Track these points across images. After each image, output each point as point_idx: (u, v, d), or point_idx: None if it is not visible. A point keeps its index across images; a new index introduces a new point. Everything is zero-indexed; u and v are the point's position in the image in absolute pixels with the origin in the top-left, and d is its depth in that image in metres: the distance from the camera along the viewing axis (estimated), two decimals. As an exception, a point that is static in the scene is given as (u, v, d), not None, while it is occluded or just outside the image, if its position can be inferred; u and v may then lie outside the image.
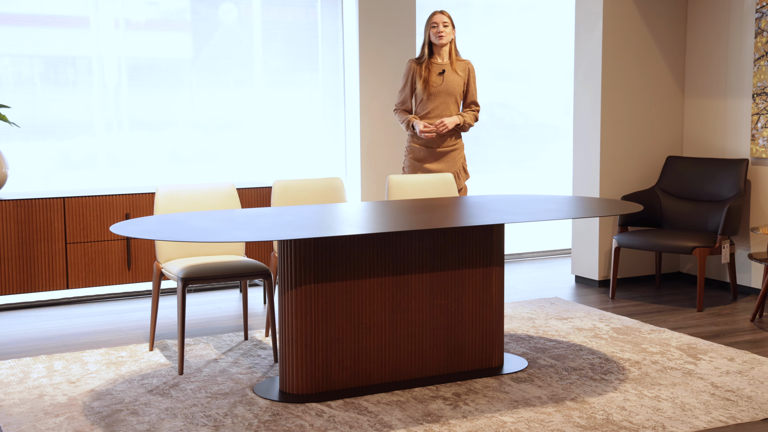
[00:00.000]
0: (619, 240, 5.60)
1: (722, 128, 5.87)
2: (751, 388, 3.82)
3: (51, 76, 5.56)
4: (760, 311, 5.04)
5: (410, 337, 3.91)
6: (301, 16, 6.18)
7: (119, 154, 5.77)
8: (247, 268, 4.17)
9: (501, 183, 7.02)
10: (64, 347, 4.56)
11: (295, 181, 4.70)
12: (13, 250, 4.91)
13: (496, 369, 4.08)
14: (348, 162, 6.24)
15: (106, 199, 5.10)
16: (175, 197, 4.38)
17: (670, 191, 5.87)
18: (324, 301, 3.72)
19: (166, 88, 5.83)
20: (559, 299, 5.55)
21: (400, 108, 5.35)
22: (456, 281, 3.98)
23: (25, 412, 3.58)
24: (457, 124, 5.25)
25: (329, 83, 6.25)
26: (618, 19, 5.85)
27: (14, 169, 5.43)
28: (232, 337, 4.67)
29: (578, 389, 3.81)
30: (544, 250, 7.22)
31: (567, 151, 7.11)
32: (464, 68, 5.30)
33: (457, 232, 3.95)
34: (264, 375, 4.03)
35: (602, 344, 4.51)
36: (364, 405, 3.63)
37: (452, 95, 5.25)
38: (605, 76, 5.85)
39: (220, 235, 3.41)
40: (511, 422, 3.43)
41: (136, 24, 5.73)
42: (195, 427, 3.40)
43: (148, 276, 5.22)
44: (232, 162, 6.06)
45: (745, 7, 5.66)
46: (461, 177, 5.35)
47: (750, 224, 5.67)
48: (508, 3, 6.94)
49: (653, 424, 3.41)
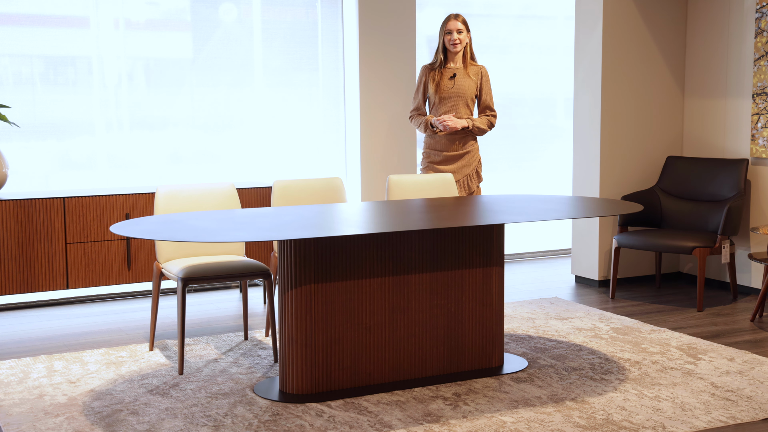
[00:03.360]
0: (619, 240, 5.60)
1: (722, 128, 5.87)
2: (751, 388, 3.82)
3: (51, 76, 5.56)
4: (760, 311, 5.04)
5: (410, 337, 3.91)
6: (301, 16, 6.18)
7: (119, 154, 5.77)
8: (247, 268, 4.17)
9: (501, 183, 7.02)
10: (64, 347, 4.56)
11: (295, 181, 4.70)
12: (13, 250, 4.91)
13: (496, 369, 4.08)
14: (348, 162, 6.24)
15: (106, 199, 5.10)
16: (175, 197, 4.38)
17: (670, 191, 5.87)
18: (324, 301, 3.72)
19: (166, 88, 5.83)
20: (559, 299, 5.55)
21: (416, 114, 5.38)
22: (456, 281, 3.98)
23: (25, 412, 3.58)
24: (465, 127, 5.25)
25: (329, 83, 6.25)
26: (618, 19, 5.85)
27: (14, 169, 5.43)
28: (232, 337, 4.67)
29: (578, 389, 3.81)
30: (544, 250, 7.22)
31: (567, 151, 7.11)
32: (477, 72, 5.31)
33: (457, 232, 3.95)
34: (264, 375, 4.03)
35: (602, 344, 4.51)
36: (364, 405, 3.63)
37: (463, 98, 5.26)
38: (605, 76, 5.85)
39: (220, 235, 3.41)
40: (511, 422, 3.43)
41: (136, 24, 5.73)
42: (195, 427, 3.40)
43: (148, 276, 5.22)
44: (232, 162, 6.06)
45: (745, 7, 5.66)
46: (474, 180, 5.36)
47: (750, 224, 5.67)
48: (508, 3, 6.94)
49: (653, 424, 3.41)
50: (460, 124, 5.21)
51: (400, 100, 6.08)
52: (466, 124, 5.24)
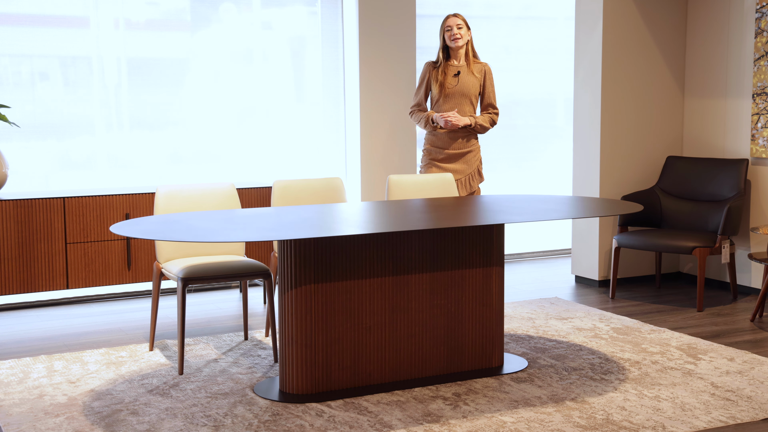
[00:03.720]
0: (619, 240, 5.60)
1: (722, 128, 5.87)
2: (751, 388, 3.82)
3: (51, 76, 5.56)
4: (760, 311, 5.04)
5: (410, 337, 3.91)
6: (301, 16, 6.18)
7: (119, 154, 5.77)
8: (247, 268, 4.17)
9: (501, 183, 7.02)
10: (64, 347, 4.56)
11: (295, 181, 4.70)
12: (13, 250, 4.91)
13: (496, 369, 4.08)
14: (348, 162, 6.24)
15: (106, 199, 5.10)
16: (175, 197, 4.38)
17: (670, 191, 5.87)
18: (324, 301, 3.72)
19: (166, 88, 5.83)
20: (559, 299, 5.55)
21: (417, 110, 5.37)
22: (456, 281, 3.98)
23: (25, 412, 3.58)
24: (468, 125, 5.25)
25: (329, 83, 6.25)
26: (618, 19, 5.85)
27: (14, 169, 5.43)
28: (232, 337, 4.67)
29: (578, 389, 3.81)
30: (544, 250, 7.22)
31: (567, 151, 7.11)
32: (480, 70, 5.31)
33: (457, 232, 3.95)
34: (264, 375, 4.03)
35: (602, 344, 4.51)
36: (364, 405, 3.63)
37: (467, 96, 5.26)
38: (605, 76, 5.85)
39: (220, 235, 3.41)
40: (511, 422, 3.43)
41: (136, 24, 5.73)
42: (195, 427, 3.40)
43: (148, 276, 5.22)
44: (232, 162, 6.06)
45: (745, 7, 5.66)
46: (476, 179, 5.36)
47: (750, 224, 5.67)
48: (508, 3, 6.94)
49: (653, 424, 3.41)
50: (462, 121, 5.21)
51: (400, 100, 6.08)
52: (468, 122, 5.24)
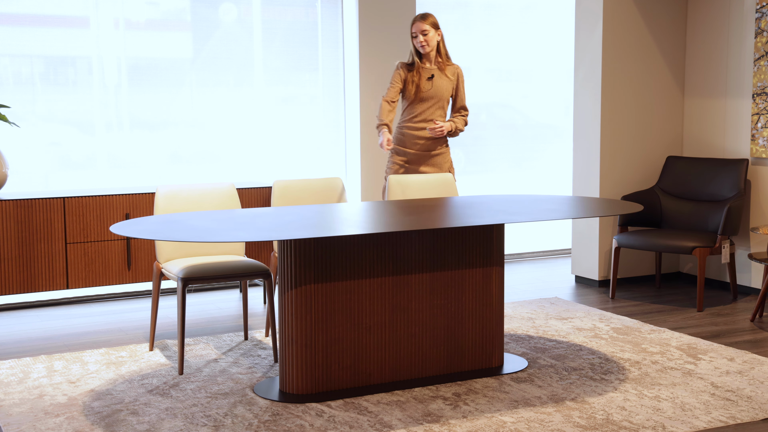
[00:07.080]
0: (619, 240, 5.60)
1: (722, 128, 5.87)
2: (751, 388, 3.82)
3: (51, 76, 5.56)
4: (760, 311, 5.04)
5: (410, 337, 3.91)
6: (301, 16, 6.18)
7: (119, 154, 5.77)
8: (247, 268, 4.17)
9: (501, 183, 7.02)
10: (64, 347, 4.56)
11: (295, 181, 4.70)
12: (13, 250, 4.91)
13: (496, 369, 4.08)
14: (348, 162, 6.24)
15: (106, 199, 5.10)
16: (175, 197, 4.38)
17: (670, 191, 5.87)
18: (324, 301, 3.72)
19: (166, 88, 5.83)
20: (559, 299, 5.55)
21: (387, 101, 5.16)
22: (456, 281, 3.98)
23: (25, 412, 3.58)
24: (449, 131, 5.23)
25: (329, 83, 6.25)
26: (618, 19, 5.85)
27: (14, 169, 5.43)
28: (232, 337, 4.67)
29: (578, 389, 3.81)
30: (544, 250, 7.22)
31: (567, 151, 7.11)
32: (453, 72, 5.27)
33: (457, 232, 3.95)
34: (264, 375, 4.03)
35: (602, 344, 4.51)
36: (364, 405, 3.63)
37: (441, 100, 5.23)
38: (605, 76, 5.85)
39: (220, 235, 3.41)
40: (511, 422, 3.43)
41: (136, 24, 5.73)
42: (195, 427, 3.40)
43: (148, 276, 5.22)
44: (232, 162, 6.06)
45: (745, 7, 5.66)
46: None
47: (750, 224, 5.67)
48: (508, 3, 6.94)
49: (653, 424, 3.41)
50: (446, 128, 5.19)
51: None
52: (450, 128, 5.22)
